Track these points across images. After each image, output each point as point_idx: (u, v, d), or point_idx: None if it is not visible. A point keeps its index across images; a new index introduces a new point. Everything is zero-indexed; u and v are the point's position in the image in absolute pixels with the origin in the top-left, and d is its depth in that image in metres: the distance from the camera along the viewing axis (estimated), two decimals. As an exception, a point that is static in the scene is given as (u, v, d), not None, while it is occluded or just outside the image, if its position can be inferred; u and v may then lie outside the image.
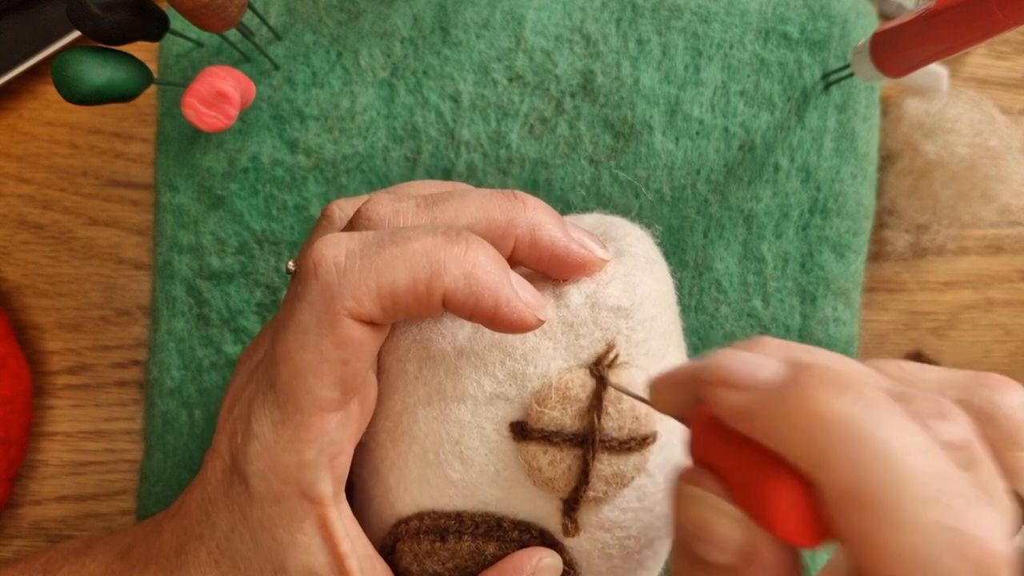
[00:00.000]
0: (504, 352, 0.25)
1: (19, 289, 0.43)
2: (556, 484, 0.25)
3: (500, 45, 0.37)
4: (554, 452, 0.25)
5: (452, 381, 0.26)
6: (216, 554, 0.25)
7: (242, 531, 0.25)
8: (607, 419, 0.25)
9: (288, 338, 0.23)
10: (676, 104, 0.37)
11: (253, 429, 0.24)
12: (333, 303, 0.22)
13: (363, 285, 0.22)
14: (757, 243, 0.37)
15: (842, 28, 0.38)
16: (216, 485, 0.26)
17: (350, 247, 0.23)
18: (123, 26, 0.30)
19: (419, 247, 0.23)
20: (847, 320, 0.38)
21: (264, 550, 0.25)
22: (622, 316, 0.26)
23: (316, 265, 0.23)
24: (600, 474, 0.25)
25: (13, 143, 0.42)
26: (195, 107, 0.32)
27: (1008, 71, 0.46)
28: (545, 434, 0.25)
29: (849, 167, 0.37)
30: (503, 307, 0.23)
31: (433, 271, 0.22)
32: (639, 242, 0.29)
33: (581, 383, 0.25)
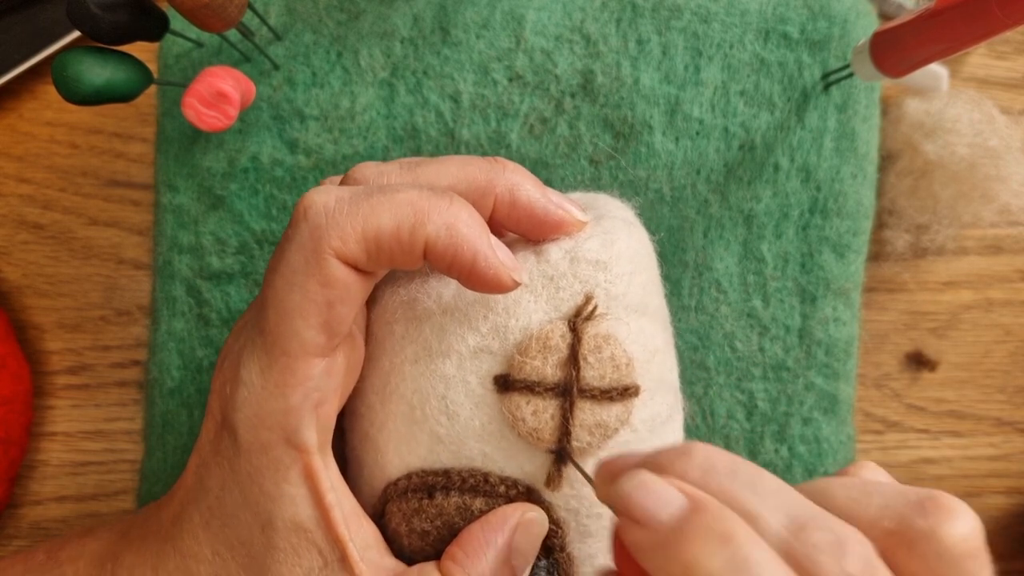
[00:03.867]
0: (487, 307, 0.27)
1: (19, 289, 0.43)
2: (540, 434, 0.26)
3: (500, 45, 0.37)
4: (536, 402, 0.26)
5: (437, 337, 0.27)
6: (207, 516, 0.26)
7: (231, 486, 0.25)
8: (587, 368, 0.26)
9: (277, 280, 0.24)
10: (676, 104, 0.37)
11: (241, 376, 0.25)
12: (320, 243, 0.24)
13: (349, 227, 0.24)
14: (757, 243, 0.37)
15: (842, 28, 0.38)
16: (208, 446, 0.26)
17: (339, 195, 0.24)
18: (123, 26, 0.30)
19: (404, 197, 0.24)
20: (847, 320, 0.38)
21: (252, 504, 0.25)
22: (600, 269, 0.27)
23: (306, 209, 0.24)
24: (583, 423, 0.26)
25: (13, 143, 0.42)
26: (195, 107, 0.32)
27: (1008, 71, 0.46)
28: (527, 384, 0.26)
29: (849, 167, 0.37)
30: (480, 262, 0.24)
31: (416, 219, 0.24)
32: (618, 208, 0.30)
33: (561, 334, 0.26)
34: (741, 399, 0.37)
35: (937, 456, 0.46)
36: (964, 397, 0.46)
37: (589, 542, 0.28)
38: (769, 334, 0.37)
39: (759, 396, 0.37)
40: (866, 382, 0.45)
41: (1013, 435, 0.46)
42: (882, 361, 0.45)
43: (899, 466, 0.46)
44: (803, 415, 0.37)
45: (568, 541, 0.27)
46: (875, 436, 0.46)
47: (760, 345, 0.37)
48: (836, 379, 0.38)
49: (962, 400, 0.46)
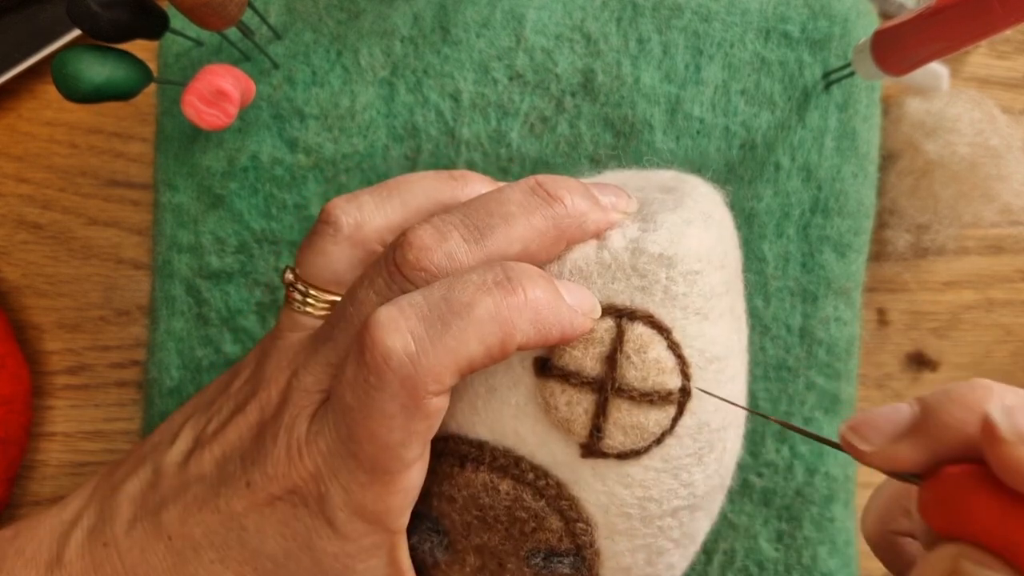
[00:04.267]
0: None
1: (18, 289, 0.42)
2: (572, 426, 0.25)
3: (500, 44, 0.37)
4: (572, 392, 0.25)
5: None
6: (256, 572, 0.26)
7: (300, 557, 0.25)
8: (630, 367, 0.25)
9: (372, 424, 0.23)
10: (677, 103, 0.37)
11: (337, 485, 0.24)
12: (416, 391, 0.22)
13: (441, 367, 0.22)
14: (758, 242, 0.37)
15: (843, 27, 0.37)
16: (258, 512, 0.25)
17: (415, 331, 0.22)
18: (123, 24, 0.30)
19: (483, 313, 0.22)
20: (848, 320, 0.38)
21: (327, 572, 0.25)
22: (663, 265, 0.25)
23: (385, 358, 0.22)
24: (617, 422, 0.25)
25: (12, 143, 0.42)
26: (195, 105, 0.32)
27: (1009, 71, 0.46)
28: (564, 372, 0.25)
29: (850, 166, 0.37)
30: (567, 333, 0.24)
31: (504, 333, 0.23)
32: (703, 197, 0.28)
33: (607, 327, 0.25)
34: (742, 399, 0.37)
35: (938, 456, 0.46)
36: (965, 397, 0.46)
37: (617, 539, 0.27)
38: (770, 333, 0.37)
39: (760, 396, 0.37)
40: (867, 382, 0.45)
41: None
42: (883, 361, 0.45)
43: (900, 466, 0.46)
44: (804, 415, 0.37)
45: (596, 537, 0.27)
46: (876, 436, 0.45)
47: (761, 344, 0.37)
48: (837, 379, 0.38)
49: (963, 400, 0.46)
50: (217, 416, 0.28)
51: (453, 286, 0.23)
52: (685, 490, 0.27)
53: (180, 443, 0.28)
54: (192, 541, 0.26)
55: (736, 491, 0.37)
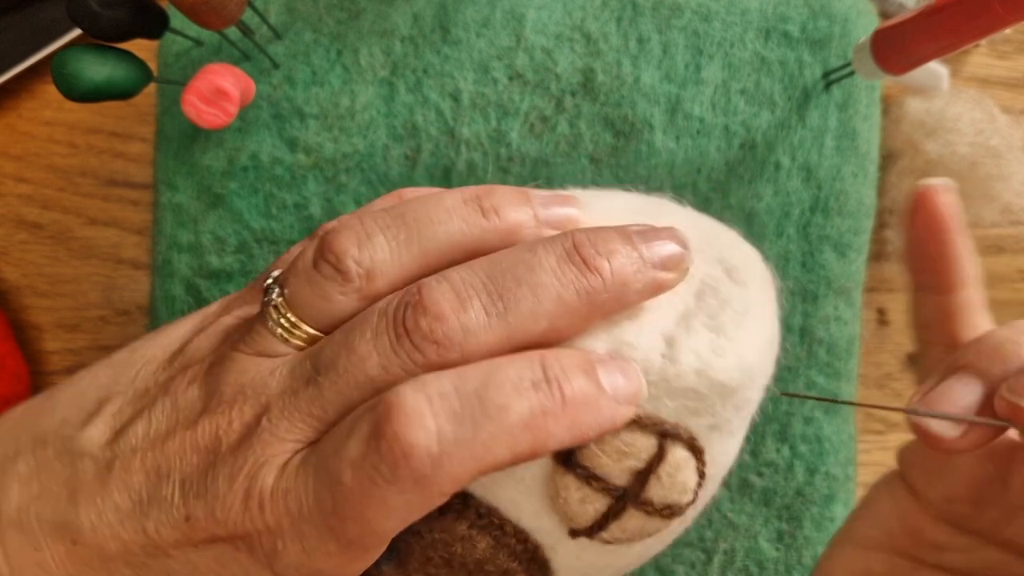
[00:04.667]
0: None
1: (18, 289, 0.42)
2: (577, 519, 0.24)
3: (500, 44, 0.37)
4: (587, 492, 0.24)
5: None
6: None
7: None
8: (659, 487, 0.24)
9: (367, 511, 0.21)
10: (677, 103, 0.37)
11: (299, 547, 0.22)
12: (429, 491, 0.20)
13: (462, 472, 0.20)
14: (758, 242, 0.37)
15: (843, 27, 0.37)
16: (189, 547, 0.23)
17: (442, 430, 0.20)
18: (123, 23, 0.30)
19: (517, 420, 0.20)
20: (848, 319, 0.38)
21: None
22: (723, 395, 0.23)
23: (406, 455, 0.20)
24: (622, 525, 0.24)
25: (12, 142, 0.42)
26: (194, 104, 0.32)
27: (1009, 71, 0.46)
28: (588, 474, 0.23)
29: (850, 166, 0.37)
30: (605, 430, 0.22)
31: (537, 442, 0.21)
32: (767, 293, 0.26)
33: (648, 445, 0.23)
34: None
35: (939, 456, 0.46)
36: (966, 397, 0.46)
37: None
38: (770, 333, 0.37)
39: (760, 395, 0.37)
40: (868, 382, 0.45)
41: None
42: (883, 361, 0.45)
43: (901, 466, 0.46)
44: (804, 414, 0.37)
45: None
46: (876, 436, 0.45)
47: (761, 344, 0.37)
48: (837, 378, 0.37)
49: (964, 400, 0.46)
50: (154, 415, 0.24)
51: (488, 383, 0.21)
52: (653, 551, 0.27)
53: (95, 429, 0.24)
54: (102, 554, 0.23)
55: (736, 491, 0.37)
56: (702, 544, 0.37)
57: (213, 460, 0.23)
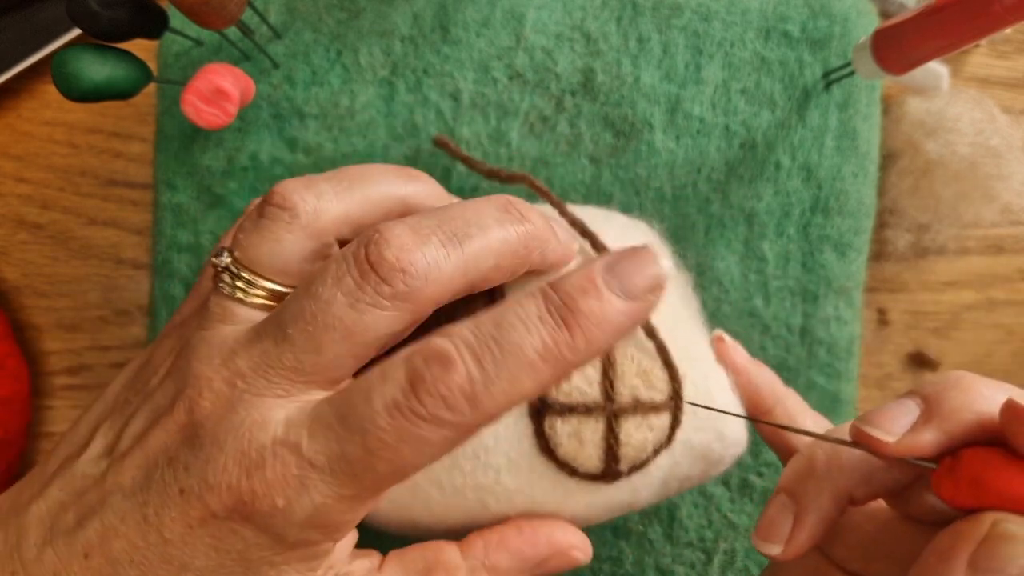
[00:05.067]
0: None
1: (18, 289, 0.42)
2: (585, 464, 0.25)
3: (500, 43, 0.37)
4: (574, 423, 0.25)
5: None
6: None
7: (233, 570, 0.23)
8: (623, 384, 0.25)
9: (403, 451, 0.22)
10: (677, 102, 0.37)
11: (306, 499, 0.22)
12: (465, 427, 0.22)
13: (495, 407, 0.22)
14: (758, 242, 0.37)
15: (843, 26, 0.37)
16: (185, 523, 0.23)
17: (471, 372, 0.21)
18: (122, 23, 0.30)
19: (532, 353, 0.22)
20: (848, 319, 0.38)
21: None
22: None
23: (445, 396, 0.21)
24: (627, 441, 0.25)
25: (12, 142, 0.42)
26: (194, 104, 0.32)
27: (1009, 71, 0.46)
28: (565, 407, 0.25)
29: (850, 166, 0.37)
30: (625, 332, 0.23)
31: (556, 367, 0.22)
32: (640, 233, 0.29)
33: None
34: (742, 398, 0.37)
35: (939, 457, 0.46)
36: (966, 397, 0.46)
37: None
38: (770, 333, 0.37)
39: (760, 395, 0.37)
40: (868, 382, 0.45)
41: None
42: (884, 361, 0.45)
43: (901, 467, 0.45)
44: (805, 414, 0.37)
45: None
46: (877, 436, 0.45)
47: (761, 344, 0.37)
48: (838, 378, 0.37)
49: (964, 400, 0.46)
50: (136, 419, 0.25)
51: (500, 324, 0.22)
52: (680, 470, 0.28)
53: (92, 451, 0.26)
54: (111, 557, 0.23)
55: (736, 491, 0.37)
56: (702, 544, 0.37)
57: (196, 432, 0.23)
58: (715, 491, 0.36)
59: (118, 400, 0.27)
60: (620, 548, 0.36)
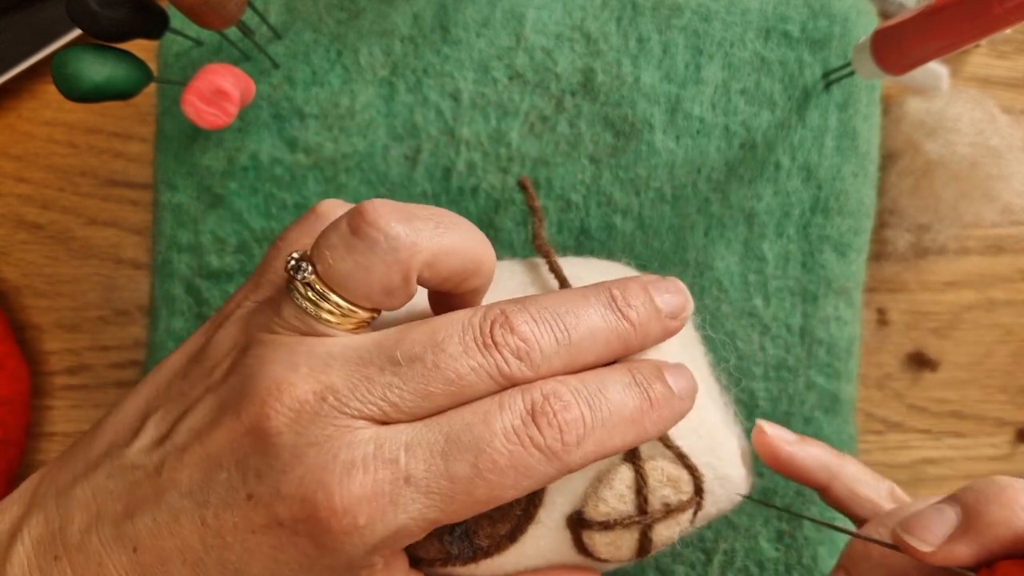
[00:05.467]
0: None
1: (18, 289, 0.42)
2: (620, 559, 0.27)
3: (500, 43, 0.37)
4: (611, 536, 0.27)
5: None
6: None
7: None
8: (654, 496, 0.27)
9: (509, 478, 0.23)
10: (677, 102, 0.37)
11: (390, 521, 0.23)
12: (565, 465, 0.24)
13: (591, 454, 0.24)
14: (758, 242, 0.37)
15: (843, 27, 0.37)
16: (248, 530, 0.23)
17: (584, 414, 0.24)
18: (123, 23, 0.30)
19: (628, 413, 0.24)
20: (848, 319, 0.38)
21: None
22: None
23: (562, 430, 0.23)
24: (657, 541, 0.27)
25: (12, 142, 0.42)
26: (195, 104, 0.32)
27: (1009, 71, 0.46)
28: (605, 523, 0.27)
29: (850, 166, 0.37)
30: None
31: (638, 434, 0.25)
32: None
33: (625, 474, 0.27)
34: (742, 398, 0.37)
35: (939, 456, 0.46)
36: (966, 397, 0.46)
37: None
38: (770, 333, 0.37)
39: (760, 395, 0.37)
40: (867, 382, 0.45)
41: (1015, 435, 0.46)
42: (883, 361, 0.45)
43: (900, 467, 0.46)
44: (804, 414, 0.37)
45: None
46: (877, 436, 0.45)
47: (761, 344, 0.37)
48: (838, 378, 0.37)
49: (964, 400, 0.46)
50: (194, 412, 0.25)
51: (605, 384, 0.25)
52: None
53: (144, 440, 0.25)
54: (161, 555, 0.23)
55: (736, 491, 0.37)
56: (702, 544, 0.37)
57: (271, 440, 0.23)
58: (715, 491, 0.37)
59: (172, 387, 0.26)
60: (620, 548, 0.36)
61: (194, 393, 0.25)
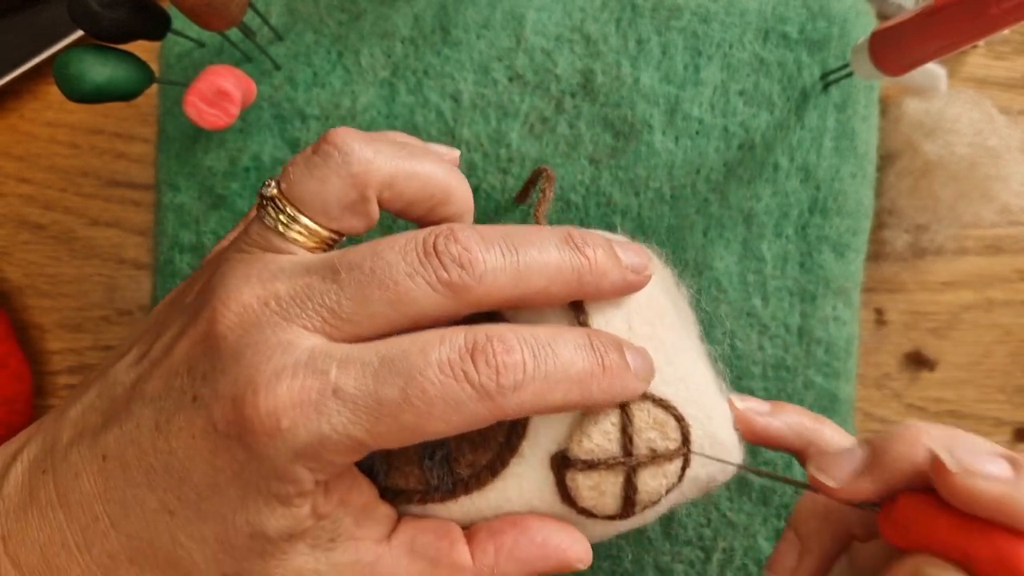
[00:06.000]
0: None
1: (20, 289, 0.43)
2: (603, 511, 0.26)
3: (500, 45, 0.37)
4: (595, 477, 0.26)
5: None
6: (174, 502, 0.24)
7: (228, 491, 0.24)
8: (640, 439, 0.26)
9: (436, 412, 0.23)
10: (676, 103, 0.37)
11: (312, 429, 0.22)
12: (498, 410, 0.23)
13: (527, 403, 0.24)
14: (757, 242, 0.37)
15: (841, 28, 0.38)
16: (189, 433, 0.23)
17: (527, 363, 0.24)
18: (124, 24, 0.31)
19: (575, 373, 0.24)
20: (847, 319, 0.38)
21: (250, 510, 0.24)
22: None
23: (499, 373, 0.23)
24: (644, 490, 0.26)
25: (14, 143, 0.42)
26: (196, 105, 0.32)
27: (1007, 71, 0.46)
28: (588, 463, 0.26)
29: (848, 166, 0.38)
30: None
31: (582, 396, 0.24)
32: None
33: (612, 416, 0.26)
34: (741, 398, 0.37)
35: (937, 456, 0.46)
36: (964, 397, 0.46)
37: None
38: (768, 333, 0.37)
39: (759, 395, 0.37)
40: (866, 382, 0.45)
41: (1013, 435, 0.46)
42: (882, 361, 0.45)
43: (899, 466, 0.46)
44: (803, 414, 0.37)
45: None
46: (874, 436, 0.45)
47: (760, 344, 0.37)
48: (836, 378, 0.38)
49: (962, 400, 0.46)
50: (168, 330, 0.26)
51: (557, 339, 0.24)
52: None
53: (127, 360, 0.26)
54: (124, 462, 0.24)
55: (735, 490, 0.37)
56: (701, 543, 0.37)
57: (217, 343, 0.23)
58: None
59: (158, 318, 0.28)
60: (619, 546, 0.36)
61: (171, 314, 0.27)
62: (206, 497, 0.24)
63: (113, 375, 0.26)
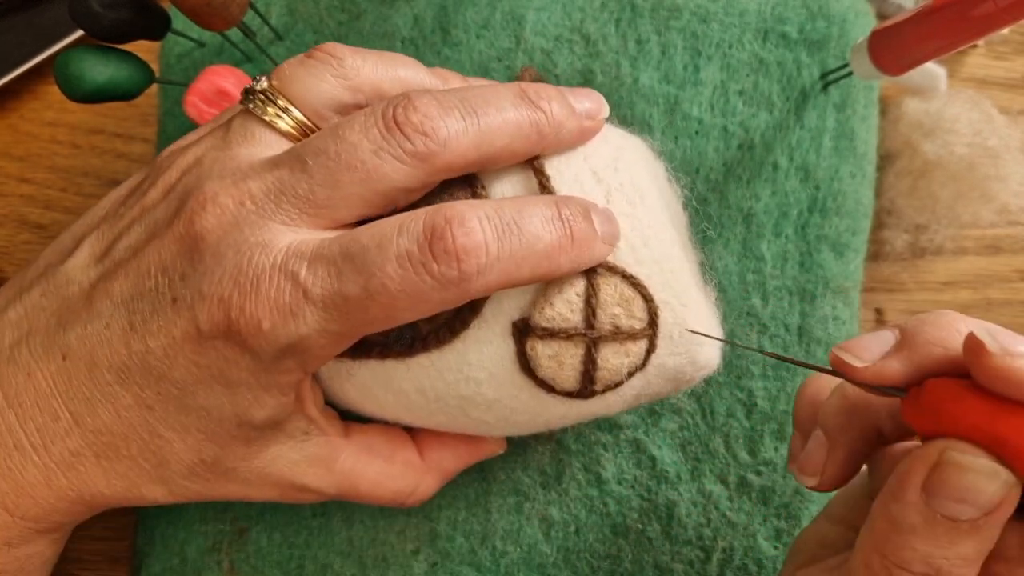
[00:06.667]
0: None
1: (20, 289, 0.43)
2: (562, 384, 0.26)
3: (500, 45, 0.37)
4: (555, 346, 0.26)
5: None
6: (154, 396, 0.24)
7: (211, 385, 0.24)
8: (604, 313, 0.26)
9: (399, 299, 0.23)
10: (675, 103, 0.37)
11: (291, 328, 0.23)
12: (463, 294, 0.24)
13: (494, 283, 0.24)
14: (756, 242, 0.37)
15: (840, 28, 0.38)
16: (169, 334, 0.24)
17: (489, 244, 0.23)
18: (124, 24, 0.31)
19: (542, 247, 0.24)
20: (846, 319, 0.38)
21: (234, 404, 0.25)
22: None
23: (460, 259, 0.23)
24: (604, 366, 0.26)
25: (14, 143, 0.42)
26: (197, 105, 0.32)
27: (1007, 71, 0.46)
28: (549, 331, 0.26)
29: (848, 166, 0.38)
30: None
31: (550, 268, 0.24)
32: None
33: (577, 284, 0.26)
34: (740, 397, 0.37)
35: (937, 456, 0.46)
36: (964, 397, 0.46)
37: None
38: (768, 332, 0.37)
39: (759, 394, 0.37)
40: (866, 382, 0.45)
41: None
42: (882, 361, 0.45)
43: (899, 466, 0.46)
44: (803, 413, 0.37)
45: None
46: (875, 436, 0.45)
47: (759, 343, 0.37)
48: (835, 378, 0.38)
49: (962, 400, 0.46)
50: (132, 230, 0.26)
51: (522, 213, 0.24)
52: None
53: (79, 258, 0.26)
54: (89, 361, 0.24)
55: (734, 489, 0.37)
56: (700, 543, 0.37)
57: (196, 245, 0.24)
58: (713, 489, 0.37)
59: (109, 212, 0.27)
60: (619, 546, 0.36)
61: (132, 213, 0.26)
62: (189, 392, 0.24)
63: (63, 274, 0.26)
